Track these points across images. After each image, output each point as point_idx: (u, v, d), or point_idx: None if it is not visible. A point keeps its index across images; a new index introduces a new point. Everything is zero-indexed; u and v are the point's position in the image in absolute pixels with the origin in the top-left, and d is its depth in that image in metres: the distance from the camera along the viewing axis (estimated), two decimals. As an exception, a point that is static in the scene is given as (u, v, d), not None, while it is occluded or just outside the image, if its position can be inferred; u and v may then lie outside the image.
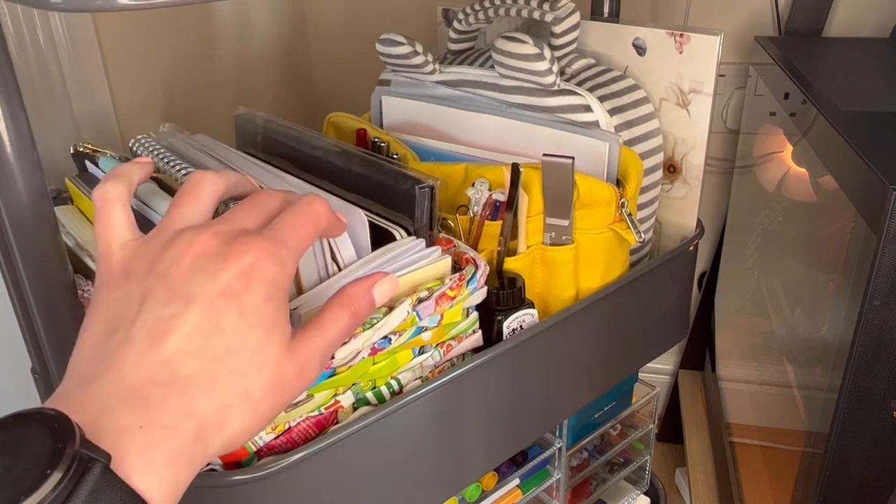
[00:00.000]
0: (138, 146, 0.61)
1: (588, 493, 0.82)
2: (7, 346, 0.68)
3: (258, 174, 0.55)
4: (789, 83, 0.81)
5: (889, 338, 0.57)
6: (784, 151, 0.90)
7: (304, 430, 0.47)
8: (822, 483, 0.65)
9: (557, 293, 0.62)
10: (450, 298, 0.50)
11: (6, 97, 0.39)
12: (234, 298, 0.33)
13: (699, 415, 1.24)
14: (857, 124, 0.65)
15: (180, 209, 0.37)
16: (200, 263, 0.33)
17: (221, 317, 0.33)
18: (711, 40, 0.63)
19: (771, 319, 0.94)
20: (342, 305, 0.39)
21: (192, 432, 0.31)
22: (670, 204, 0.73)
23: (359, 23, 1.18)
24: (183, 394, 0.31)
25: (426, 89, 0.71)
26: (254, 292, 0.33)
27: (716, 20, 1.04)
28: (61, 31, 0.79)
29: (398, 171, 0.53)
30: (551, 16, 0.65)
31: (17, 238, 0.42)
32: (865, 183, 0.57)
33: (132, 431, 0.29)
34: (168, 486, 0.29)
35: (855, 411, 0.61)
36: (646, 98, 0.67)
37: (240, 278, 0.33)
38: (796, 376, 0.82)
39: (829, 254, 0.72)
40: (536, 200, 0.59)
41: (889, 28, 0.97)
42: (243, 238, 0.35)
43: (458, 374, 0.52)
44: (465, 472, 0.58)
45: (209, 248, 0.34)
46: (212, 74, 1.01)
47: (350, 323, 0.39)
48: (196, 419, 0.31)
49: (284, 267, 0.35)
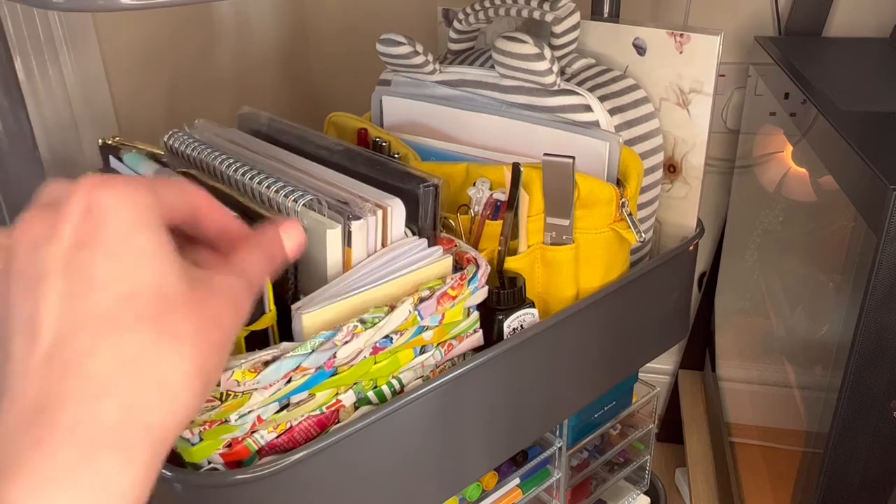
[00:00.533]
0: (174, 140, 0.60)
1: (588, 493, 0.83)
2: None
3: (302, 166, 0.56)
4: (789, 83, 0.81)
5: (889, 338, 0.58)
6: (784, 151, 0.90)
7: (305, 429, 0.47)
8: (822, 483, 0.65)
9: (558, 293, 0.62)
10: (451, 298, 0.50)
11: (7, 96, 0.39)
12: (92, 244, 0.27)
13: (699, 415, 1.24)
14: (857, 124, 0.66)
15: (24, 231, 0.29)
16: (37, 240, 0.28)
17: (89, 270, 0.27)
18: (711, 40, 0.63)
19: (771, 319, 0.95)
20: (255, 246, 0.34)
21: (112, 413, 0.25)
22: (670, 204, 0.73)
23: (359, 23, 1.18)
24: (84, 373, 0.26)
25: (426, 89, 0.71)
26: (113, 224, 0.27)
27: (716, 20, 1.05)
28: (61, 31, 0.79)
29: (402, 171, 0.53)
30: (551, 16, 0.65)
31: (19, 237, 0.42)
32: (865, 183, 0.57)
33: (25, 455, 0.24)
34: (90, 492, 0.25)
35: (855, 411, 0.61)
36: (646, 98, 0.67)
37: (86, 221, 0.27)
38: (796, 376, 0.82)
39: (829, 254, 0.72)
40: (537, 200, 0.59)
41: (889, 28, 0.97)
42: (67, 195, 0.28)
43: (458, 374, 0.52)
44: (465, 471, 0.58)
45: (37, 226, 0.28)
46: (212, 74, 1.01)
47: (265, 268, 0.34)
48: (114, 395, 0.26)
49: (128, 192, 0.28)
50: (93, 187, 0.28)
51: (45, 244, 0.27)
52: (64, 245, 0.27)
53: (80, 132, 0.83)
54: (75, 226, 0.27)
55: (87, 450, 0.25)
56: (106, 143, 0.61)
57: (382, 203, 0.50)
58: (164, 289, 0.28)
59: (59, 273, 0.27)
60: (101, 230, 0.27)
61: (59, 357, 0.26)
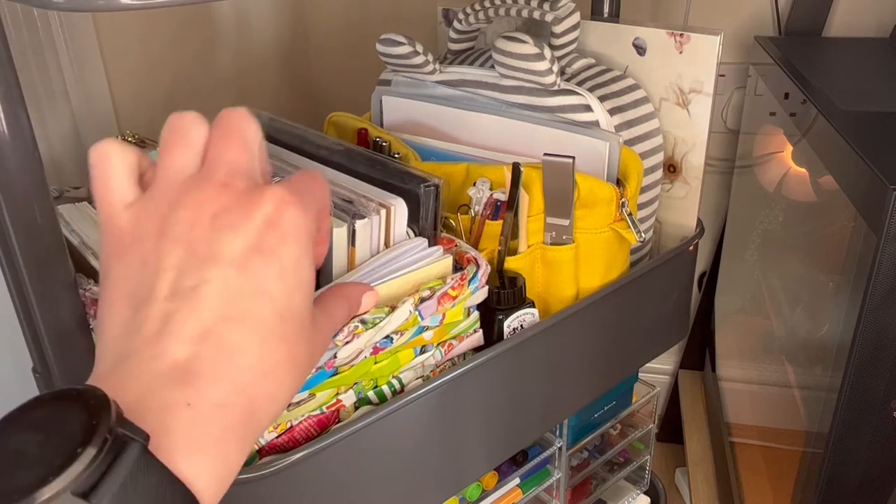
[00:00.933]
0: None
1: (588, 493, 0.83)
2: (8, 345, 0.68)
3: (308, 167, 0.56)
4: (789, 83, 0.81)
5: (889, 338, 0.58)
6: (784, 151, 0.90)
7: (305, 428, 0.47)
8: (822, 483, 0.65)
9: (558, 293, 0.62)
10: (451, 298, 0.50)
11: (7, 97, 0.39)
12: (269, 255, 0.30)
13: (699, 415, 1.24)
14: (857, 124, 0.65)
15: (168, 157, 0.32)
16: (221, 221, 0.30)
17: (261, 277, 0.29)
18: (711, 40, 0.63)
19: (771, 319, 0.94)
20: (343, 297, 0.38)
21: (243, 408, 0.28)
22: (670, 204, 0.73)
23: (359, 23, 1.18)
24: (233, 365, 0.28)
25: (426, 89, 0.71)
26: (290, 246, 0.30)
27: (716, 20, 1.05)
28: (61, 31, 0.79)
29: (403, 171, 0.53)
30: (551, 16, 0.65)
31: (19, 237, 0.42)
32: (865, 183, 0.57)
33: (179, 408, 0.26)
34: (217, 469, 0.27)
35: (855, 411, 0.61)
36: (646, 98, 0.67)
37: (269, 230, 0.30)
38: (796, 376, 0.82)
39: (829, 254, 0.72)
40: (537, 200, 0.59)
41: (889, 28, 0.97)
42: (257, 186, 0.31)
43: (458, 374, 0.52)
44: (465, 471, 0.58)
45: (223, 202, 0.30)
46: (212, 74, 1.01)
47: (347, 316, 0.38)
48: (247, 394, 0.28)
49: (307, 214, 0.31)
50: (284, 203, 0.30)
51: (227, 231, 0.29)
52: (247, 241, 0.29)
53: (80, 132, 0.83)
54: (259, 229, 0.30)
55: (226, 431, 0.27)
56: (125, 139, 0.61)
57: (386, 203, 0.50)
58: (303, 318, 0.31)
59: (236, 268, 0.29)
60: (280, 246, 0.30)
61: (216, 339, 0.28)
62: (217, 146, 0.32)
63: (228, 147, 0.32)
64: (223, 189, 0.30)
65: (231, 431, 0.28)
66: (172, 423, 0.26)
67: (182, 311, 0.28)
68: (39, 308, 0.45)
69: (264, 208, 0.30)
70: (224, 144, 0.32)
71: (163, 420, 0.26)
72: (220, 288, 0.29)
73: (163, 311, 0.28)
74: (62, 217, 0.59)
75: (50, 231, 0.44)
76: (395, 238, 0.51)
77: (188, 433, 0.26)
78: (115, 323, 0.30)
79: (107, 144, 0.32)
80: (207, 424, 0.27)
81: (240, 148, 0.32)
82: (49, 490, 0.22)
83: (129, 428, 0.24)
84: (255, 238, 0.30)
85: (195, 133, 0.33)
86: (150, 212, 0.31)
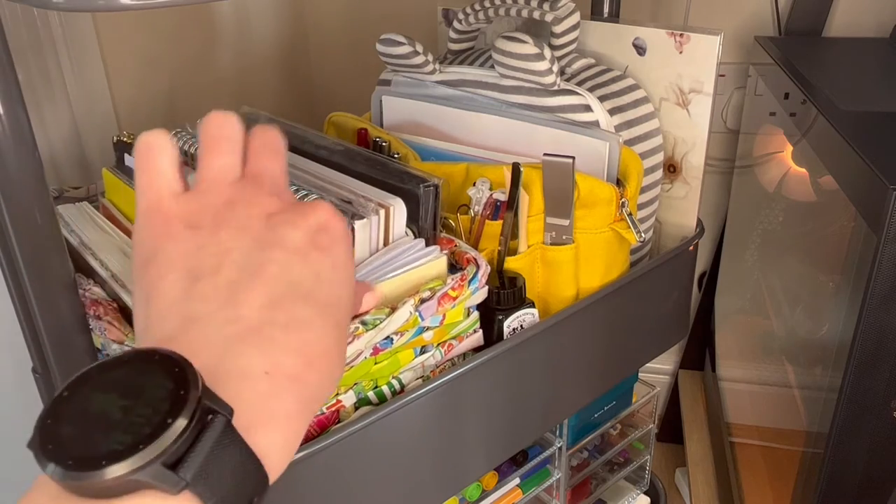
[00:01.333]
0: (178, 139, 0.60)
1: (588, 493, 0.83)
2: (7, 346, 0.68)
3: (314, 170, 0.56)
4: (789, 83, 0.81)
5: (889, 338, 0.57)
6: (784, 151, 0.90)
7: (305, 429, 0.47)
8: (822, 483, 0.65)
9: (558, 293, 0.62)
10: (452, 298, 0.50)
11: (6, 97, 0.39)
12: (325, 251, 0.32)
13: (699, 415, 1.24)
14: (857, 124, 0.65)
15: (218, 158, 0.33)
16: (277, 219, 0.32)
17: (319, 268, 0.31)
18: (711, 40, 0.63)
19: (771, 319, 0.94)
20: None
21: (312, 383, 0.29)
22: (670, 204, 0.73)
23: (359, 23, 1.18)
24: (302, 338, 0.29)
25: (426, 89, 0.71)
26: (341, 246, 0.33)
27: (716, 20, 1.05)
28: (61, 31, 0.79)
29: (403, 171, 0.53)
30: (551, 16, 0.65)
31: (19, 237, 0.42)
32: (865, 183, 0.57)
33: (257, 378, 0.27)
34: (288, 444, 0.27)
35: (855, 411, 0.61)
36: (646, 98, 0.67)
37: (322, 232, 0.32)
38: (796, 376, 0.82)
39: (829, 254, 0.72)
40: (537, 200, 0.59)
41: (889, 28, 0.97)
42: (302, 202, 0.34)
43: (458, 374, 0.52)
44: (465, 471, 0.58)
45: (276, 206, 0.32)
46: (212, 74, 1.01)
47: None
48: (314, 368, 0.29)
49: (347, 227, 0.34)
50: (333, 213, 0.33)
51: (287, 227, 0.31)
52: (306, 236, 0.31)
53: (81, 132, 0.83)
54: (314, 230, 0.32)
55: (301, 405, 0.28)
56: (120, 140, 0.61)
57: (385, 203, 0.50)
58: (349, 311, 0.33)
59: (299, 256, 0.31)
60: (333, 246, 0.32)
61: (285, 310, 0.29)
62: (260, 159, 0.34)
63: (272, 161, 0.34)
64: (274, 197, 0.33)
65: (302, 405, 0.28)
66: (250, 394, 0.26)
67: (252, 282, 0.29)
68: (39, 308, 0.45)
69: (317, 216, 0.32)
70: (267, 158, 0.34)
71: (241, 390, 0.26)
72: (285, 268, 0.30)
73: (231, 281, 0.29)
74: (62, 217, 0.59)
75: (50, 231, 0.44)
76: (395, 238, 0.51)
77: (265, 406, 0.26)
78: (172, 289, 0.29)
79: (158, 135, 0.33)
80: (282, 397, 0.27)
81: (281, 164, 0.35)
82: (140, 459, 0.21)
83: (215, 401, 0.24)
84: (312, 235, 0.32)
85: (237, 138, 0.34)
86: (202, 204, 0.32)
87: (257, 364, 0.27)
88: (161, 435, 0.22)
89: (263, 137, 0.35)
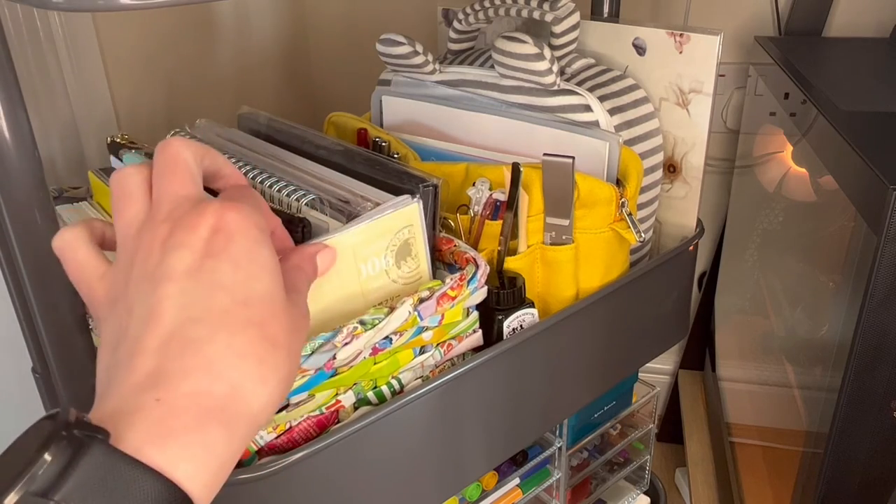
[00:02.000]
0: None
1: (588, 493, 0.83)
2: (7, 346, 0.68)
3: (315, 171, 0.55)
4: (789, 83, 0.81)
5: (889, 338, 0.57)
6: (784, 151, 0.90)
7: (305, 429, 0.47)
8: (822, 483, 0.65)
9: (557, 293, 0.62)
10: (451, 298, 0.50)
11: (6, 97, 0.39)
12: (218, 255, 0.32)
13: (699, 415, 1.24)
14: (857, 124, 0.65)
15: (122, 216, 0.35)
16: (168, 244, 0.32)
17: (215, 275, 0.31)
18: (711, 40, 0.63)
19: (771, 319, 0.94)
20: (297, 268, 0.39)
21: (224, 391, 0.29)
22: (670, 204, 0.73)
23: (359, 23, 1.18)
24: (202, 356, 0.30)
25: (426, 89, 0.71)
26: (238, 241, 0.32)
27: (716, 20, 1.05)
28: (61, 31, 0.79)
29: (402, 170, 0.53)
30: (551, 16, 0.65)
31: (19, 238, 0.42)
32: (865, 183, 0.57)
33: (147, 407, 0.28)
34: (199, 455, 0.28)
35: (855, 411, 0.61)
36: (646, 98, 0.67)
37: (216, 235, 0.32)
38: (796, 376, 0.82)
39: (829, 254, 0.72)
40: (537, 200, 0.59)
41: (889, 28, 0.97)
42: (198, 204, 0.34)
43: (458, 374, 0.52)
44: (465, 471, 0.58)
45: (168, 230, 0.33)
46: (212, 74, 1.01)
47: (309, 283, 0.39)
48: (226, 377, 0.30)
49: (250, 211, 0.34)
50: (223, 210, 0.33)
51: (177, 250, 0.32)
52: (197, 251, 0.32)
53: (81, 132, 0.83)
54: (205, 238, 0.32)
55: (202, 417, 0.29)
56: (114, 140, 0.61)
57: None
58: (273, 299, 0.33)
59: (189, 274, 0.31)
60: (229, 244, 0.32)
61: (179, 340, 0.30)
62: (157, 184, 0.35)
63: (166, 181, 0.35)
64: (166, 221, 0.33)
65: (210, 415, 0.29)
66: (140, 418, 0.28)
67: (146, 330, 0.30)
68: (39, 308, 0.45)
69: (207, 220, 0.32)
70: (162, 180, 0.35)
71: (132, 420, 0.27)
72: (177, 299, 0.31)
73: (132, 340, 0.31)
74: (62, 217, 0.59)
75: (50, 231, 0.44)
76: None
77: (156, 424, 0.28)
78: (101, 370, 0.32)
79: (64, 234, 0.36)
80: (179, 413, 0.28)
81: (176, 178, 0.35)
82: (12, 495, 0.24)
83: (88, 428, 0.26)
84: (203, 246, 0.32)
85: (134, 183, 0.35)
86: (115, 275, 0.34)
87: (148, 397, 0.28)
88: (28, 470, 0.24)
89: (158, 158, 0.36)
